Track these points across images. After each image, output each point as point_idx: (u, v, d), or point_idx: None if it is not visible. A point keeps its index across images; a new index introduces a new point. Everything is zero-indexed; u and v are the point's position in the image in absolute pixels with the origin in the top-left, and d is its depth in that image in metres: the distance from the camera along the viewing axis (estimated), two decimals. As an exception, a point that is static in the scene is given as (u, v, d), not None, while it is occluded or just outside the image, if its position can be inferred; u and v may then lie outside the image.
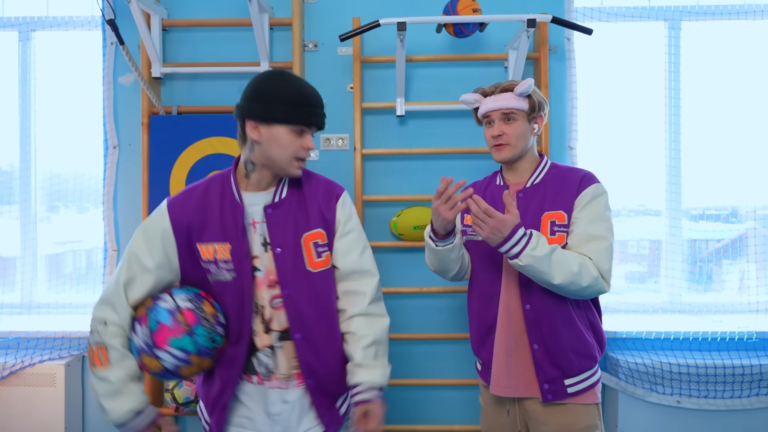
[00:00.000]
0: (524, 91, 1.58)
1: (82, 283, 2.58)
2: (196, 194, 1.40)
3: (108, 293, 1.36)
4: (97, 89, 2.53)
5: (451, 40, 2.46)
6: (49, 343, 2.47)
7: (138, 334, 1.32)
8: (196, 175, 2.36)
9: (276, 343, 1.39)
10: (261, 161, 1.36)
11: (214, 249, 1.35)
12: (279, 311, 1.39)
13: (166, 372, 1.33)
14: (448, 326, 2.46)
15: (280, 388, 1.41)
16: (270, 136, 1.31)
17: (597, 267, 1.49)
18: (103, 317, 1.33)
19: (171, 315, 1.30)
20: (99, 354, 1.32)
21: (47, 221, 2.64)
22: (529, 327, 1.57)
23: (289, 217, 1.40)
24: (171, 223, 1.36)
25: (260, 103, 1.30)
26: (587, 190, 1.56)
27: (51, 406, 2.36)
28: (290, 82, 1.33)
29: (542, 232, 1.54)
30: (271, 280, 1.39)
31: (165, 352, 1.29)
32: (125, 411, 1.31)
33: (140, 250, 1.36)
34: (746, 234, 2.53)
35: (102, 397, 1.32)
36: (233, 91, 2.49)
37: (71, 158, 2.60)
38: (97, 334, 1.33)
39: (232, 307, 1.37)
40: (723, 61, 2.50)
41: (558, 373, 1.56)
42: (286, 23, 2.41)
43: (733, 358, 2.35)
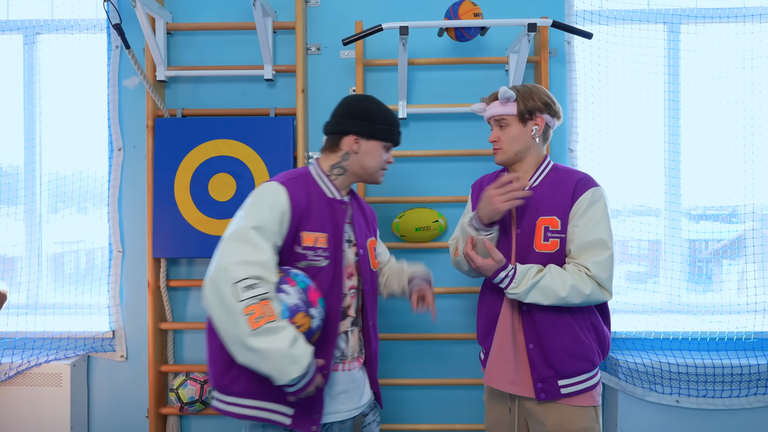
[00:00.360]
0: (503, 98, 1.64)
1: (87, 283, 2.61)
2: (302, 185, 1.52)
3: (253, 256, 1.35)
4: (102, 92, 2.55)
5: (452, 43, 2.48)
6: (55, 344, 2.50)
7: (290, 294, 1.37)
8: (200, 178, 2.39)
9: (348, 328, 1.58)
10: (352, 169, 1.59)
11: (315, 237, 1.49)
12: (352, 300, 1.59)
13: (309, 334, 1.39)
14: (454, 327, 2.48)
15: (348, 369, 1.57)
16: (367, 149, 1.56)
17: (595, 278, 1.52)
18: (260, 275, 1.33)
19: (308, 278, 1.44)
20: (265, 308, 1.29)
21: (52, 222, 2.66)
22: (526, 326, 1.62)
23: (362, 224, 1.66)
24: (291, 206, 1.45)
25: (365, 122, 1.54)
26: (583, 196, 1.57)
27: (57, 406, 2.38)
28: (383, 106, 1.60)
29: (536, 237, 1.59)
30: (348, 272, 1.58)
31: (316, 310, 1.40)
32: (310, 354, 1.33)
33: (269, 222, 1.41)
34: (745, 234, 2.55)
35: (288, 348, 1.28)
36: (237, 94, 2.52)
37: (76, 160, 2.62)
38: (259, 289, 1.30)
39: (323, 289, 1.48)
40: (722, 63, 2.52)
41: (551, 372, 1.59)
42: (289, 27, 2.43)
43: (732, 358, 2.37)
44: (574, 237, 1.56)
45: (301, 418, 1.45)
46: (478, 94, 2.48)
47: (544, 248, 1.59)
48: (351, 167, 1.59)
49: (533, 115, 1.65)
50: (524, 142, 1.66)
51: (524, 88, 1.68)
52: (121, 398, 2.53)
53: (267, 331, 1.27)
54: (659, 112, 2.55)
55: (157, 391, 2.41)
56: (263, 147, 2.40)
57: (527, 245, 1.62)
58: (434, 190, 2.49)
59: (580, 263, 1.55)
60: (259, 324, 1.27)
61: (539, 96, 1.66)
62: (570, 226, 1.58)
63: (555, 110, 1.68)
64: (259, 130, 2.40)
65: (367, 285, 1.61)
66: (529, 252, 1.62)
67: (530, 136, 1.66)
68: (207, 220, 2.38)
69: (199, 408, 2.37)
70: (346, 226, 1.59)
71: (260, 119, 2.42)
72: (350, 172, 1.60)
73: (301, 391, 1.35)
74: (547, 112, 1.66)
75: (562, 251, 1.60)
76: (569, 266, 1.57)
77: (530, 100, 1.64)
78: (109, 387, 2.53)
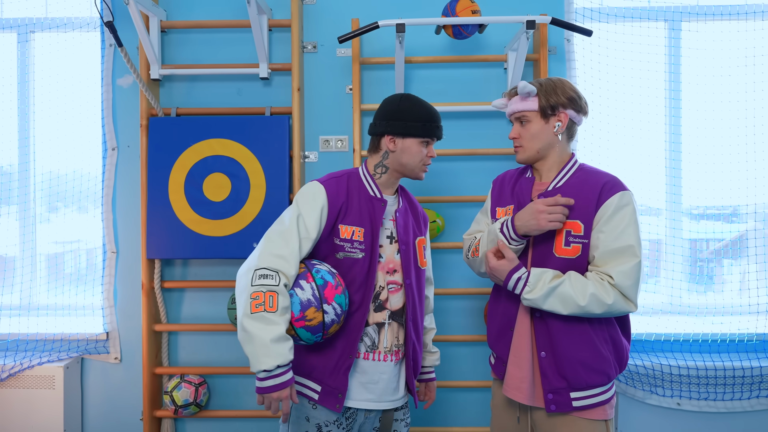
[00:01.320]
0: (523, 93, 1.56)
1: (81, 284, 2.58)
2: (342, 184, 1.63)
3: (281, 249, 1.48)
4: (96, 91, 2.52)
5: (450, 41, 2.45)
6: (48, 345, 2.47)
7: (305, 289, 1.47)
8: (195, 178, 2.36)
9: (386, 321, 1.63)
10: (393, 166, 1.65)
11: (353, 231, 1.59)
12: (393, 294, 1.64)
13: (321, 327, 1.47)
14: (455, 328, 2.46)
15: (378, 360, 1.62)
16: (404, 146, 1.62)
17: (618, 287, 1.43)
18: (278, 268, 1.45)
19: (331, 276, 1.51)
20: (269, 299, 1.41)
21: (46, 222, 2.64)
22: (538, 333, 1.53)
23: (409, 222, 1.71)
24: (328, 202, 1.58)
25: (398, 122, 1.61)
26: (610, 200, 1.48)
27: (50, 409, 2.36)
28: (418, 103, 1.64)
29: (557, 241, 1.50)
30: (390, 267, 1.64)
31: (330, 306, 1.47)
32: (287, 357, 1.41)
33: (305, 219, 1.55)
34: (747, 234, 2.52)
35: (269, 340, 1.37)
36: (232, 92, 2.49)
37: (70, 159, 2.59)
38: (271, 280, 1.43)
39: (358, 279, 1.58)
40: (723, 61, 2.49)
41: (563, 384, 1.51)
42: (285, 24, 2.40)
43: (734, 360, 2.34)
44: (598, 243, 1.47)
45: (327, 395, 1.57)
46: (477, 92, 2.45)
47: (564, 253, 1.50)
48: (392, 165, 1.66)
49: (556, 110, 1.54)
50: (546, 139, 1.56)
51: (547, 82, 1.57)
52: (115, 401, 2.50)
53: (261, 318, 1.39)
54: (660, 110, 2.52)
55: (151, 394, 2.38)
56: (258, 146, 2.37)
57: (546, 250, 1.53)
58: (432, 189, 2.46)
59: (604, 271, 1.45)
60: (258, 310, 1.39)
61: (563, 90, 1.55)
62: (594, 232, 1.48)
63: (580, 105, 1.57)
64: (254, 129, 2.37)
65: (409, 281, 1.65)
66: (548, 257, 1.52)
67: (552, 133, 1.56)
68: (201, 221, 2.35)
69: (194, 411, 2.34)
70: (387, 222, 1.66)
71: (255, 118, 2.39)
72: (392, 170, 1.67)
73: (267, 392, 1.41)
74: (571, 107, 1.55)
75: (584, 257, 1.50)
76: (591, 274, 1.48)
77: (553, 94, 1.54)
78: (103, 389, 2.51)
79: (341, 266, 1.59)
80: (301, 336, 1.49)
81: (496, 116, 2.43)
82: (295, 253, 1.49)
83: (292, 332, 1.48)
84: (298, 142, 2.35)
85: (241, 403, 2.47)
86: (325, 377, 1.57)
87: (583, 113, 1.59)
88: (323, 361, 1.58)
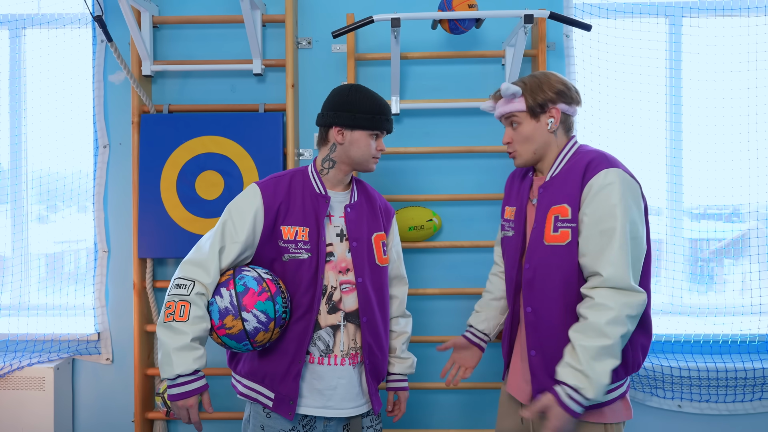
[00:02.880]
0: (506, 95, 1.48)
1: (72, 284, 2.54)
2: (283, 183, 1.60)
3: (200, 257, 1.48)
4: (88, 88, 2.48)
5: (446, 36, 2.41)
6: (39, 346, 2.43)
7: (224, 297, 1.45)
8: (187, 175, 2.32)
9: (341, 323, 1.58)
10: (341, 159, 1.60)
11: (296, 231, 1.55)
12: (347, 295, 1.59)
13: (244, 335, 1.44)
14: (448, 329, 2.41)
15: (334, 365, 1.57)
16: (352, 139, 1.57)
17: (610, 284, 1.31)
18: (193, 277, 1.45)
19: (257, 282, 1.47)
20: (181, 308, 1.41)
21: (39, 221, 2.60)
22: (529, 331, 1.47)
23: (363, 217, 1.65)
24: (263, 204, 1.54)
25: (346, 113, 1.55)
26: (594, 179, 1.36)
27: (40, 411, 2.32)
28: (368, 95, 1.59)
29: (546, 228, 1.43)
30: (342, 267, 1.59)
31: (250, 314, 1.43)
32: (189, 366, 1.39)
33: (234, 223, 1.52)
34: (749, 233, 2.48)
35: (173, 349, 1.38)
36: (225, 89, 2.45)
37: (63, 158, 2.55)
38: (184, 290, 1.43)
39: (305, 281, 1.53)
40: (725, 58, 2.45)
41: (552, 383, 1.39)
42: (279, 20, 2.36)
43: (736, 361, 2.31)
44: (582, 227, 1.37)
45: (280, 403, 1.53)
46: (474, 89, 2.41)
47: (553, 240, 1.41)
48: (340, 158, 1.61)
49: (545, 108, 1.45)
50: (540, 139, 1.48)
51: (531, 80, 1.48)
52: (106, 402, 2.46)
53: (169, 327, 1.40)
54: (660, 107, 2.48)
55: (143, 395, 2.34)
56: (252, 144, 2.33)
57: (537, 239, 1.45)
58: (428, 187, 2.42)
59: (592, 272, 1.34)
60: (168, 319, 1.41)
61: (549, 84, 1.45)
62: (579, 215, 1.38)
63: (571, 96, 1.47)
64: (247, 126, 2.33)
65: (361, 279, 1.59)
66: (537, 246, 1.44)
67: (547, 131, 1.47)
68: (194, 219, 2.31)
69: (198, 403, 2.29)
70: (337, 219, 1.61)
71: (249, 115, 2.35)
72: (340, 163, 1.62)
73: (171, 400, 1.41)
74: (561, 101, 1.45)
75: (574, 244, 1.39)
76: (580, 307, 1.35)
77: (539, 92, 1.45)
78: (95, 391, 2.47)
79: (287, 269, 1.55)
80: (228, 344, 1.48)
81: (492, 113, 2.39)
82: (214, 260, 1.47)
83: (218, 340, 1.47)
84: (292, 140, 2.31)
85: (234, 405, 2.42)
86: (277, 384, 1.54)
87: (575, 103, 1.50)
88: (274, 366, 1.54)
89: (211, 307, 1.46)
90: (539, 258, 1.45)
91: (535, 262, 1.46)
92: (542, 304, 1.45)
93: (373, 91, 1.61)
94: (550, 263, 1.43)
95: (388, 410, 1.78)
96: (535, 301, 1.46)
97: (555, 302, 1.43)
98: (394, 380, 1.77)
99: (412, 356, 1.80)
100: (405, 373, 1.77)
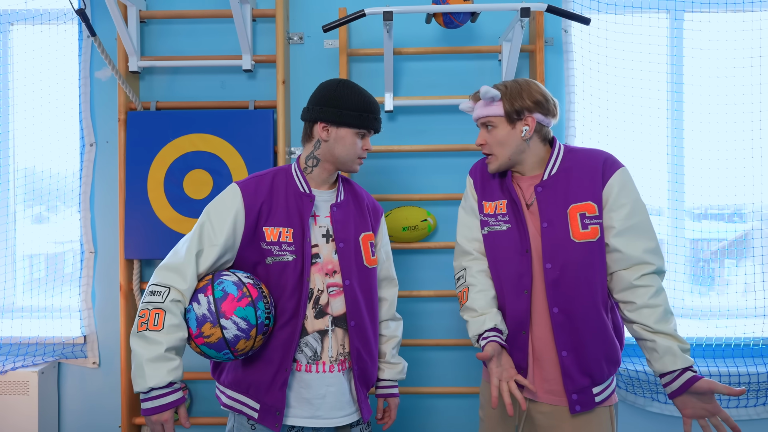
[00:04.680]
0: (485, 98, 1.47)
1: (58, 286, 2.47)
2: (264, 182, 1.52)
3: (175, 262, 1.40)
4: (76, 84, 2.42)
5: (441, 31, 2.35)
6: (23, 349, 2.38)
7: (201, 304, 1.37)
8: (175, 174, 2.26)
9: (328, 327, 1.50)
10: (325, 158, 1.53)
11: (279, 232, 1.47)
12: (335, 298, 1.51)
13: (223, 344, 1.36)
14: (441, 332, 2.36)
15: (323, 372, 1.49)
16: (337, 136, 1.50)
17: (658, 270, 1.43)
18: (168, 283, 1.37)
19: (237, 287, 1.39)
20: (155, 317, 1.33)
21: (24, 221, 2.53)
22: (557, 332, 1.44)
23: (349, 217, 1.58)
24: (244, 205, 1.46)
25: (333, 109, 1.48)
26: (614, 178, 1.44)
27: (23, 416, 2.26)
28: (357, 91, 1.52)
29: (572, 226, 1.44)
30: (329, 269, 1.52)
31: (230, 321, 1.35)
32: (163, 379, 1.31)
33: (212, 225, 1.44)
34: (753, 234, 2.42)
35: (146, 360, 1.30)
36: (214, 86, 2.39)
37: (49, 156, 2.48)
38: (158, 297, 1.36)
39: (290, 285, 1.46)
40: (727, 54, 2.38)
41: (587, 381, 1.45)
42: (269, 14, 2.30)
43: (739, 365, 2.24)
44: (613, 223, 1.43)
45: (266, 414, 1.46)
46: (470, 85, 2.35)
47: (584, 237, 1.43)
48: (324, 156, 1.54)
49: (522, 115, 1.46)
50: (514, 145, 1.49)
51: (513, 85, 1.49)
52: (93, 407, 2.40)
53: (143, 337, 1.32)
54: (662, 105, 2.42)
55: (130, 400, 2.28)
56: (241, 142, 2.27)
57: (560, 237, 1.44)
58: (423, 187, 2.36)
59: (639, 262, 1.42)
60: (141, 329, 1.33)
61: (529, 93, 1.47)
62: (606, 212, 1.44)
63: (548, 108, 1.48)
64: (237, 123, 2.27)
65: (349, 281, 1.52)
66: (564, 244, 1.44)
67: (521, 138, 1.48)
68: (182, 219, 2.25)
69: (174, 417, 2.23)
70: (323, 219, 1.54)
71: (238, 113, 2.29)
72: (324, 162, 1.55)
73: (145, 414, 1.33)
74: (538, 111, 1.47)
75: (602, 240, 1.44)
76: (643, 297, 1.41)
77: (518, 99, 1.46)
78: (81, 395, 2.40)
79: (271, 273, 1.47)
80: (207, 353, 1.39)
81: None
82: (190, 265, 1.39)
83: (197, 350, 1.39)
84: (282, 138, 2.25)
85: (223, 410, 2.36)
86: (262, 394, 1.46)
87: (551, 116, 1.51)
88: (259, 376, 1.46)
89: (188, 314, 1.38)
90: (567, 256, 1.44)
91: (561, 260, 1.44)
92: (573, 302, 1.43)
93: (362, 88, 1.55)
94: (581, 261, 1.43)
95: (378, 417, 1.71)
96: (563, 301, 1.44)
97: (587, 299, 1.43)
98: (384, 386, 1.70)
99: (403, 361, 1.73)
100: (395, 379, 1.70)
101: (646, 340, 1.41)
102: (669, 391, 1.40)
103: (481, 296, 1.53)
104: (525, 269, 1.48)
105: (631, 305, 1.42)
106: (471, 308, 1.52)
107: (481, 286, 1.55)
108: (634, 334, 1.46)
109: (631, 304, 1.43)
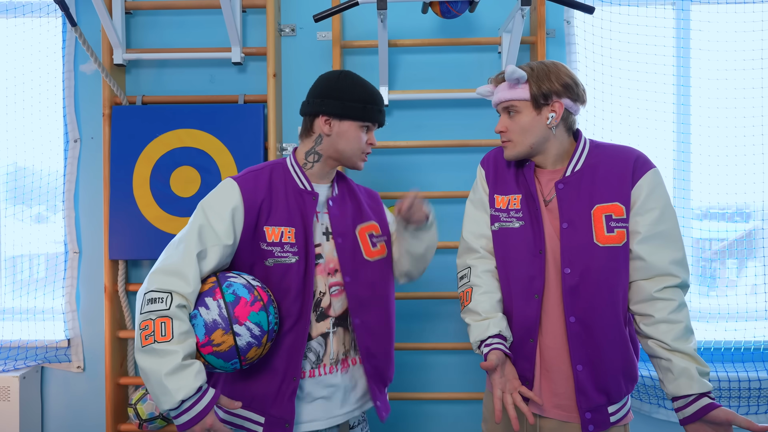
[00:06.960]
0: (511, 79, 1.34)
1: (41, 287, 2.39)
2: (262, 178, 1.42)
3: (174, 264, 1.26)
4: (59, 78, 2.34)
5: (438, 22, 2.26)
6: (4, 353, 2.29)
7: (211, 308, 1.25)
8: (161, 170, 2.18)
9: (330, 330, 1.43)
10: (328, 153, 1.45)
11: (281, 232, 1.38)
12: (337, 298, 1.44)
13: (234, 352, 1.25)
14: (443, 335, 2.28)
15: (324, 374, 1.42)
16: (340, 130, 1.42)
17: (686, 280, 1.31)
18: (169, 288, 1.23)
19: (247, 289, 1.28)
20: (161, 326, 1.19)
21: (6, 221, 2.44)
22: (573, 343, 1.32)
23: (346, 210, 1.50)
24: (243, 201, 1.35)
25: (335, 101, 1.40)
26: (643, 180, 1.32)
27: (4, 423, 2.18)
28: (360, 83, 1.44)
29: (596, 229, 1.31)
30: (331, 268, 1.44)
31: (244, 327, 1.25)
32: (192, 387, 1.17)
33: (211, 222, 1.32)
34: (763, 234, 2.33)
35: (164, 375, 1.15)
36: (203, 79, 2.31)
37: (32, 153, 2.40)
38: (161, 304, 1.21)
39: (294, 288, 1.36)
40: (735, 48, 2.30)
41: (603, 399, 1.33)
42: (260, 5, 2.22)
43: (749, 370, 2.17)
44: (639, 228, 1.31)
45: (272, 427, 1.36)
46: (468, 78, 2.26)
47: (609, 241, 1.30)
48: (326, 152, 1.45)
49: (549, 99, 1.34)
50: (539, 133, 1.36)
51: (540, 67, 1.36)
52: (77, 413, 2.32)
53: (152, 351, 1.18)
54: (668, 99, 2.33)
55: (115, 406, 2.20)
56: (231, 137, 2.18)
57: (583, 240, 1.32)
58: (420, 184, 2.28)
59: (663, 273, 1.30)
60: (147, 342, 1.18)
61: (558, 76, 1.34)
62: (632, 215, 1.32)
63: (577, 93, 1.36)
64: (226, 118, 2.19)
65: (349, 278, 1.43)
66: (587, 247, 1.31)
67: (545, 125, 1.36)
68: (169, 218, 2.17)
69: (160, 425, 2.15)
70: (322, 216, 1.46)
71: (227, 107, 2.20)
72: (326, 158, 1.46)
73: (187, 428, 1.19)
74: (567, 95, 1.34)
75: (628, 244, 1.32)
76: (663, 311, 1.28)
77: (546, 81, 1.33)
78: (64, 401, 2.32)
79: (272, 275, 1.36)
80: (213, 364, 1.26)
81: (489, 104, 2.24)
82: (192, 266, 1.26)
83: (201, 359, 1.25)
84: (273, 133, 2.17)
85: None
86: (268, 406, 1.35)
87: (580, 102, 1.38)
88: (263, 387, 1.36)
89: (194, 320, 1.24)
90: (589, 261, 1.31)
91: (582, 265, 1.31)
92: (592, 312, 1.31)
93: (364, 79, 1.46)
94: (604, 267, 1.31)
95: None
96: (581, 310, 1.32)
97: (608, 310, 1.31)
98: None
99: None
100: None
101: (662, 359, 1.28)
102: (681, 417, 1.26)
103: (485, 298, 1.40)
104: (537, 272, 1.35)
105: (649, 318, 1.30)
106: (474, 311, 1.40)
107: (487, 287, 1.42)
108: (648, 350, 1.32)
109: (648, 317, 1.30)
